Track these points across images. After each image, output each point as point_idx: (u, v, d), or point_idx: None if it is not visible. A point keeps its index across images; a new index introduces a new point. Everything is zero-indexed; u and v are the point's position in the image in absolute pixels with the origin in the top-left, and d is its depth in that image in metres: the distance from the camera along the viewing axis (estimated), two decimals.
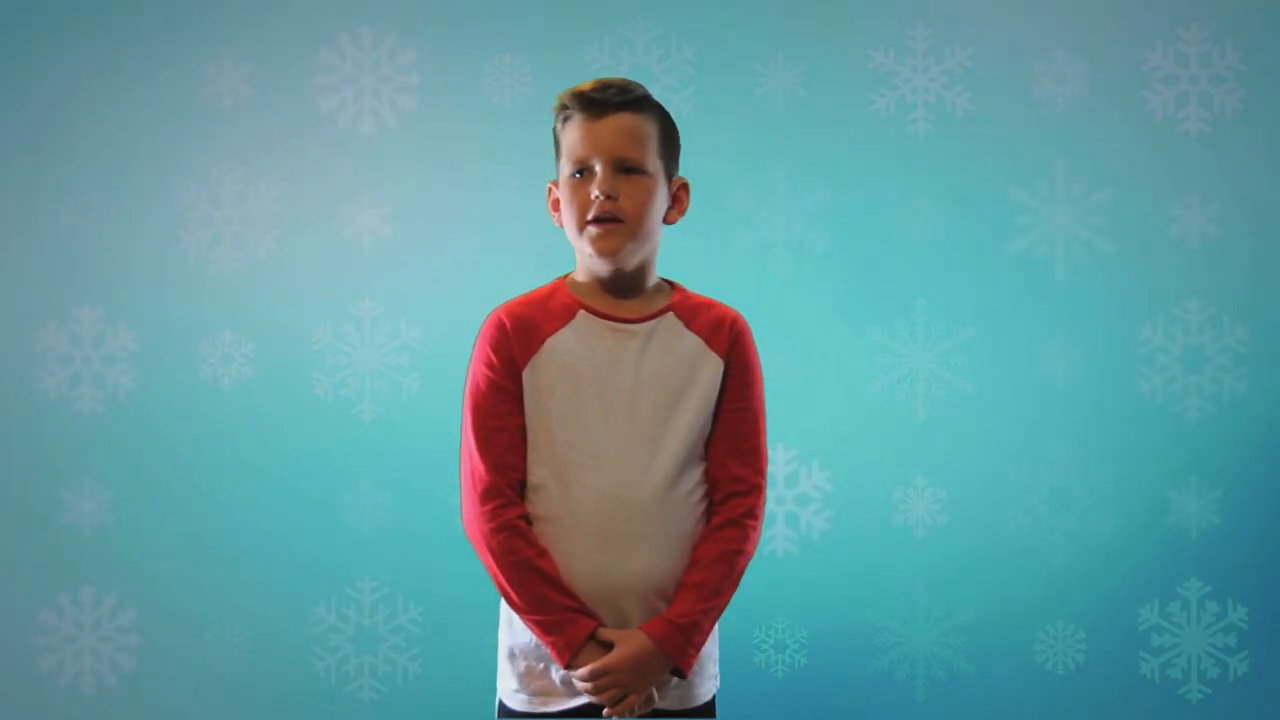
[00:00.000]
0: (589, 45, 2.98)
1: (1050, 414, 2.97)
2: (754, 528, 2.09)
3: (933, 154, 2.97)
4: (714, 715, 2.13)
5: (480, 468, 2.03)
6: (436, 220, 2.99)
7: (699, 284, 2.21)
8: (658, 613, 2.03)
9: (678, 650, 2.01)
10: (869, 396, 2.98)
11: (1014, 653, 2.97)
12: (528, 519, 2.03)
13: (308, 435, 2.99)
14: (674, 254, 2.24)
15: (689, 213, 2.19)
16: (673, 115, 2.15)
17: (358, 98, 3.00)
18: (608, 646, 2.00)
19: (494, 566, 2.02)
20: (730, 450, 2.08)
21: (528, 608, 2.01)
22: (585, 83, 2.07)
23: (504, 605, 2.09)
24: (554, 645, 2.00)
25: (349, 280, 3.00)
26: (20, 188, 3.02)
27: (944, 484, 2.97)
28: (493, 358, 2.04)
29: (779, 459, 2.96)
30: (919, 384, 2.98)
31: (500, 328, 2.05)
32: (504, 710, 2.10)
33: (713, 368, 2.08)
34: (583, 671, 1.99)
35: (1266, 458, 2.95)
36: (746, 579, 2.94)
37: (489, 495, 2.02)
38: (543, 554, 2.01)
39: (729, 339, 2.10)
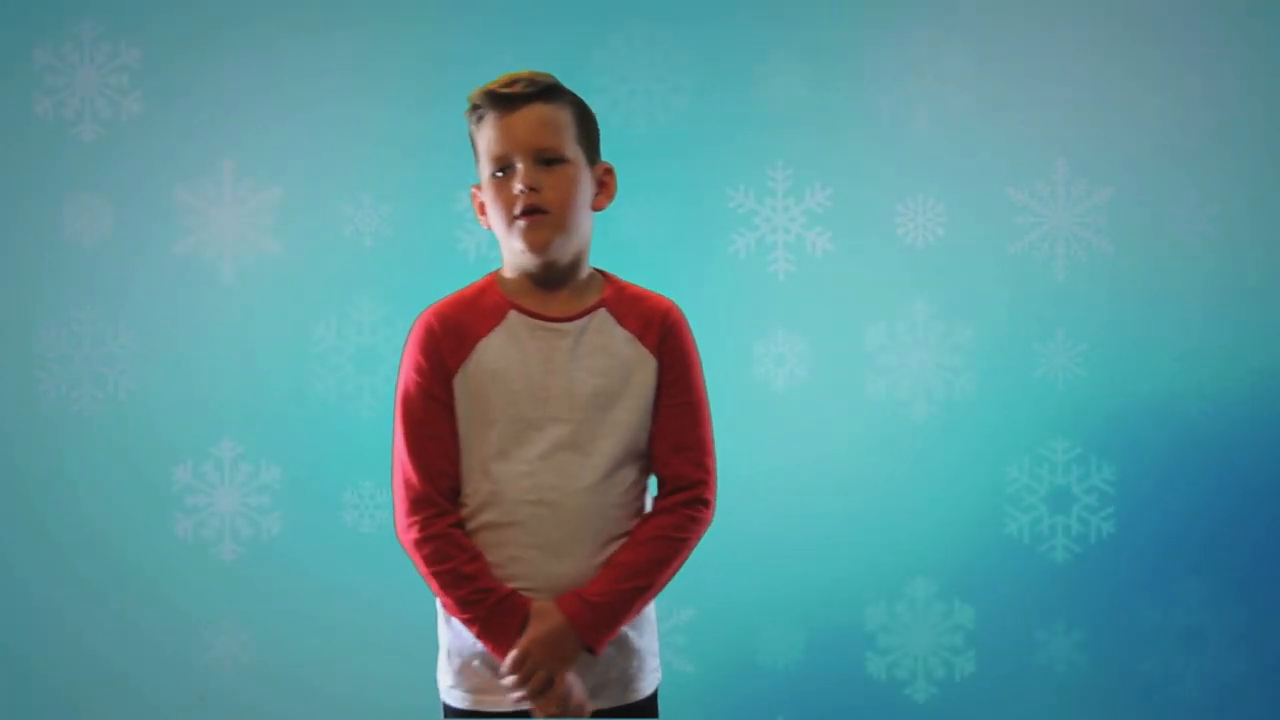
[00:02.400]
0: (594, 48, 2.98)
1: (1050, 414, 2.97)
2: (695, 519, 2.04)
3: (933, 154, 2.97)
4: (656, 710, 2.10)
5: (412, 476, 2.00)
6: (440, 218, 2.99)
7: (698, 283, 2.21)
8: None
9: (588, 626, 1.97)
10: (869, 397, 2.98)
11: (1013, 653, 2.97)
12: (461, 525, 2.01)
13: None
14: (675, 254, 2.24)
15: (690, 213, 2.17)
16: (667, 115, 2.13)
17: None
18: None
19: (426, 574, 2.00)
20: (671, 446, 2.05)
21: (461, 610, 1.99)
22: (493, 80, 2.04)
23: (439, 604, 2.07)
24: (491, 643, 1.98)
25: (349, 280, 3.00)
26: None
27: (944, 484, 2.97)
28: (423, 363, 2.01)
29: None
30: (920, 383, 2.98)
31: (430, 332, 2.02)
32: (448, 711, 2.08)
33: (647, 366, 2.05)
34: (505, 667, 1.95)
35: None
36: (743, 580, 2.95)
37: (420, 505, 1.99)
38: (474, 558, 1.99)
39: (660, 334, 2.06)
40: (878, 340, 2.99)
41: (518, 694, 1.96)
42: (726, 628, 2.98)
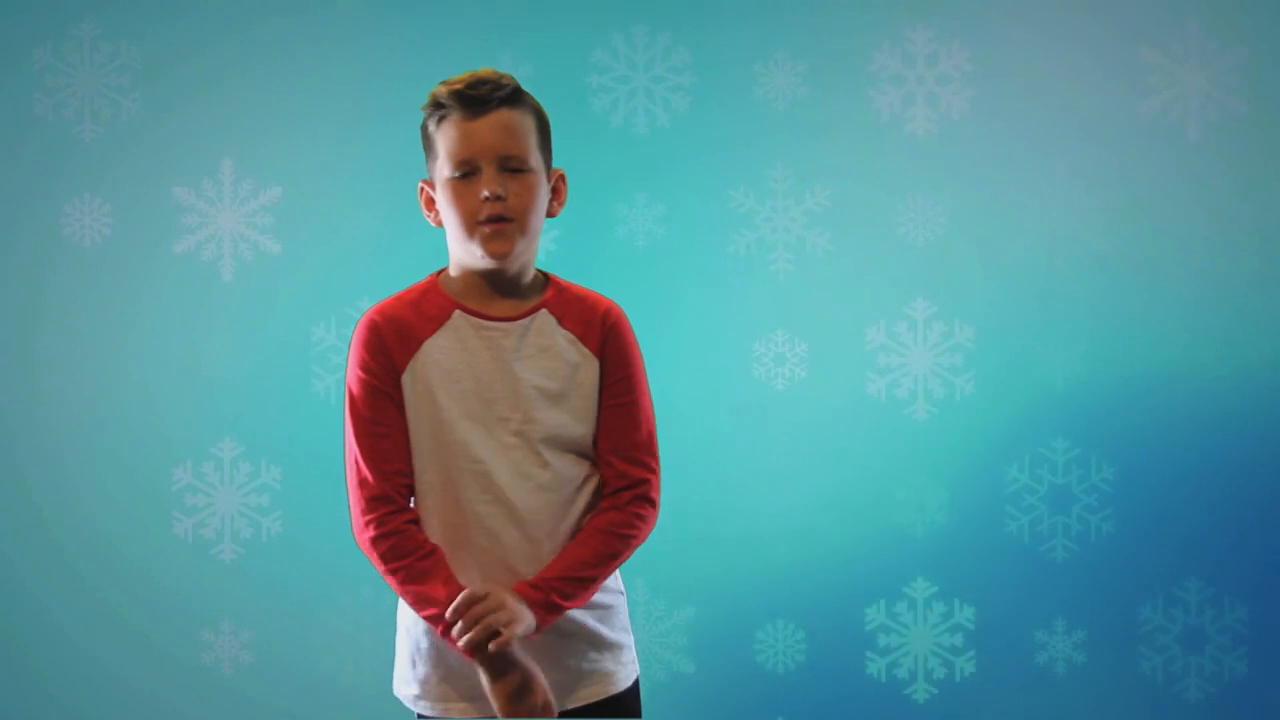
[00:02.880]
0: (594, 48, 2.98)
1: (1050, 414, 2.97)
2: (641, 517, 2.04)
3: (933, 154, 2.97)
4: (638, 705, 2.10)
5: (367, 475, 2.00)
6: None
7: (698, 283, 2.21)
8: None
9: (532, 602, 1.95)
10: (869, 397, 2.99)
11: (1013, 653, 2.97)
12: (417, 521, 2.01)
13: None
14: (675, 254, 2.23)
15: (690, 213, 2.17)
16: (667, 115, 2.13)
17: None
18: None
19: (384, 572, 1.99)
20: (613, 447, 2.05)
21: (418, 606, 1.98)
22: (456, 79, 2.00)
23: (399, 611, 2.07)
24: (445, 632, 1.96)
25: (349, 280, 3.00)
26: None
27: (944, 484, 2.97)
28: (370, 362, 2.00)
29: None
30: (920, 383, 2.98)
31: (375, 330, 2.01)
32: None
33: (589, 367, 2.05)
34: (452, 607, 1.91)
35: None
36: (743, 580, 2.95)
37: (375, 503, 1.99)
38: (430, 553, 1.98)
39: (601, 335, 2.05)
40: (878, 340, 2.99)
41: (464, 640, 1.91)
42: (726, 628, 2.98)
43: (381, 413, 2.01)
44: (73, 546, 3.01)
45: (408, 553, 1.97)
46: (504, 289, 2.04)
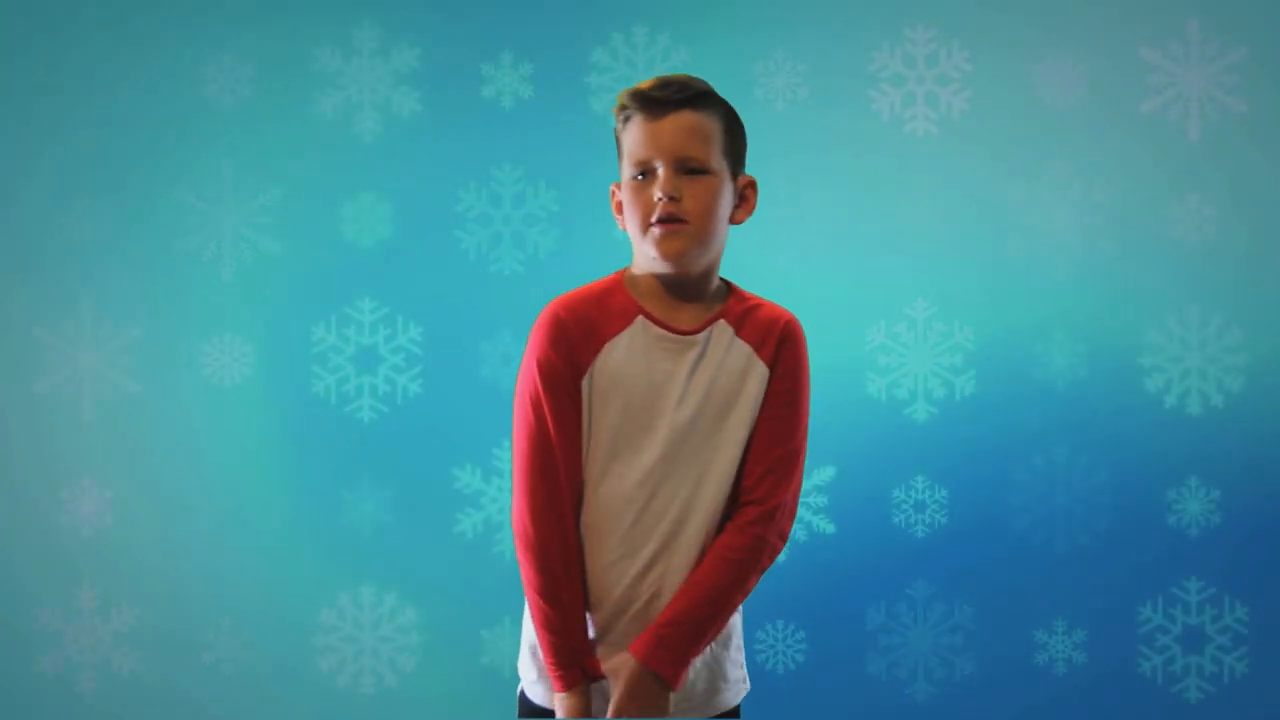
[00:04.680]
0: (594, 48, 2.98)
1: (1051, 415, 2.97)
2: (767, 539, 2.00)
3: (933, 153, 2.97)
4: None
5: (538, 476, 1.96)
6: (440, 218, 3.00)
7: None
8: None
9: (661, 663, 1.93)
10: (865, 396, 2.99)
11: (1012, 653, 2.97)
12: (578, 531, 1.98)
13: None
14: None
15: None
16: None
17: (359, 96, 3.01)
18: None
19: (530, 570, 1.97)
20: (758, 457, 2.00)
21: (541, 627, 1.97)
22: (645, 81, 1.99)
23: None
24: (554, 671, 1.96)
25: (348, 280, 3.01)
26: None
27: (945, 484, 2.97)
28: (554, 356, 1.96)
29: None
30: (920, 383, 2.98)
31: (560, 324, 1.97)
32: (525, 703, 2.06)
33: (759, 376, 2.01)
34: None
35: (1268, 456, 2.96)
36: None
37: (550, 505, 1.95)
38: (574, 580, 1.96)
39: (776, 343, 2.02)
40: (878, 340, 2.99)
41: None
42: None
43: (563, 412, 1.96)
44: (73, 545, 3.01)
45: (552, 571, 1.95)
46: (685, 296, 2.01)
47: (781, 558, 2.94)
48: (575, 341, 1.97)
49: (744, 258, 2.97)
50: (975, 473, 2.97)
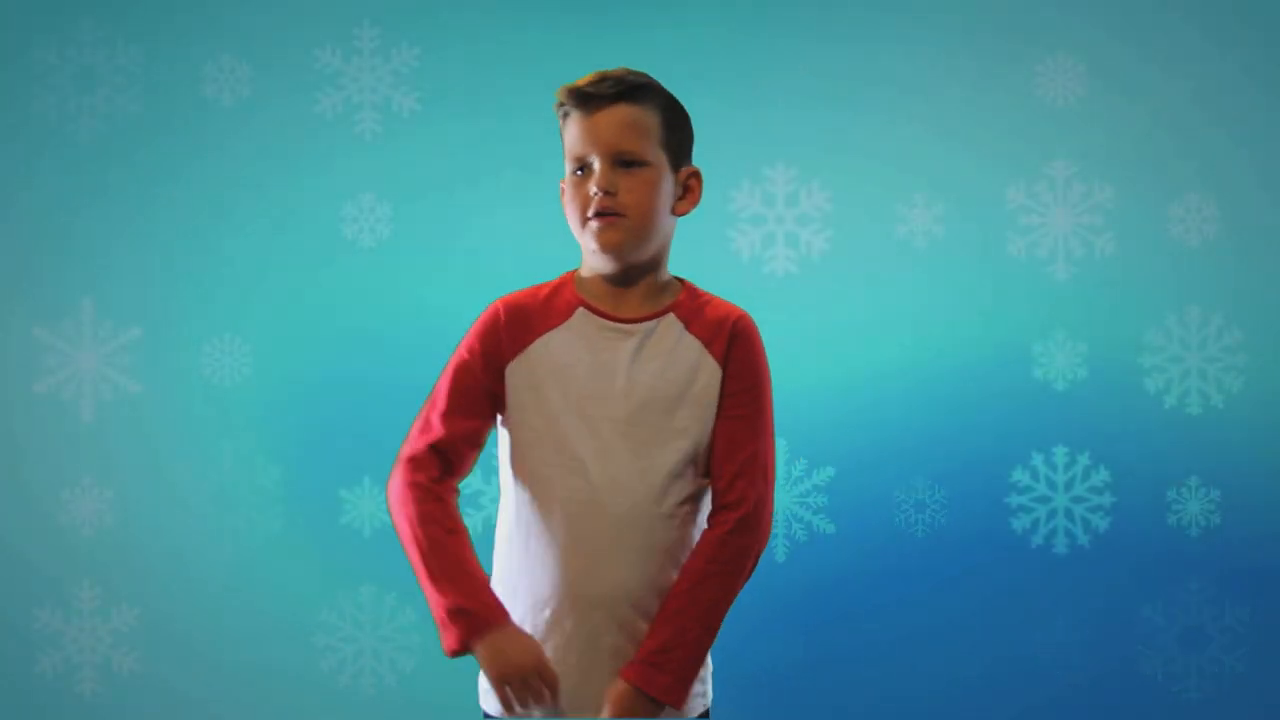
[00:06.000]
0: (594, 48, 2.99)
1: (1051, 416, 2.98)
2: (747, 545, 1.96)
3: (933, 154, 2.98)
4: None
5: (438, 428, 1.96)
6: (441, 218, 3.00)
7: (699, 284, 2.20)
8: (630, 627, 1.94)
9: (662, 689, 1.90)
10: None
11: (1014, 652, 2.98)
12: (457, 495, 1.98)
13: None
14: (674, 254, 2.22)
15: (690, 212, 2.12)
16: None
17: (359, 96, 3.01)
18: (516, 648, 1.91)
19: (409, 524, 1.95)
20: (725, 460, 1.97)
21: (433, 575, 1.93)
22: (582, 77, 1.97)
23: None
24: (450, 625, 1.91)
25: (353, 280, 3.01)
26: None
27: (944, 484, 2.97)
28: (477, 348, 1.98)
29: (781, 455, 2.97)
30: (920, 382, 2.99)
31: (494, 319, 1.99)
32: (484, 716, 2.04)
33: (710, 373, 1.98)
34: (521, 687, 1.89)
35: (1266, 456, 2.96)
36: (745, 585, 2.94)
37: (435, 457, 1.96)
38: (456, 530, 1.95)
39: (727, 340, 1.99)
40: (879, 339, 2.99)
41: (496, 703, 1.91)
42: (728, 629, 2.96)
43: (472, 396, 1.97)
44: (72, 545, 3.02)
45: (440, 520, 1.94)
46: (632, 289, 2.00)
47: (781, 558, 2.98)
48: (504, 336, 1.98)
49: (745, 257, 2.98)
50: (975, 473, 2.98)
